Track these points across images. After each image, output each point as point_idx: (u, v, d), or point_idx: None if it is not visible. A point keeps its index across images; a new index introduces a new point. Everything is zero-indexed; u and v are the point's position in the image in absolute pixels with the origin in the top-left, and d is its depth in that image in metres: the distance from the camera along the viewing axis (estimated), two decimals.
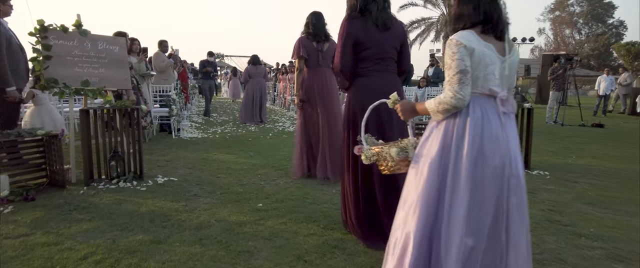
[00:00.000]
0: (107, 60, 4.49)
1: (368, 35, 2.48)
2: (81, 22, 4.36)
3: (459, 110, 1.69)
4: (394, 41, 2.55)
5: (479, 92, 1.69)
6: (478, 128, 1.68)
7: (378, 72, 2.54)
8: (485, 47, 1.67)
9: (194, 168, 4.62)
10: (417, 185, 1.77)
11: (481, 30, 1.70)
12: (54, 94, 4.16)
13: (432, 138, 1.76)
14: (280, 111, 12.70)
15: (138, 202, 3.37)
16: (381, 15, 2.49)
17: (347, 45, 2.50)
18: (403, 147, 1.87)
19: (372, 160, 1.95)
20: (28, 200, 3.36)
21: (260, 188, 3.82)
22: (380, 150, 1.93)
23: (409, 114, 1.88)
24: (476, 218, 1.70)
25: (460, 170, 1.68)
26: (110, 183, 3.90)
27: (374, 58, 2.52)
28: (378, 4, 2.50)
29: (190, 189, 3.76)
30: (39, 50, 4.04)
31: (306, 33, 4.22)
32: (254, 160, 5.15)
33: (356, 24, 2.49)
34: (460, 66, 1.63)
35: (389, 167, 1.91)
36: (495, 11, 1.72)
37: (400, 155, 1.85)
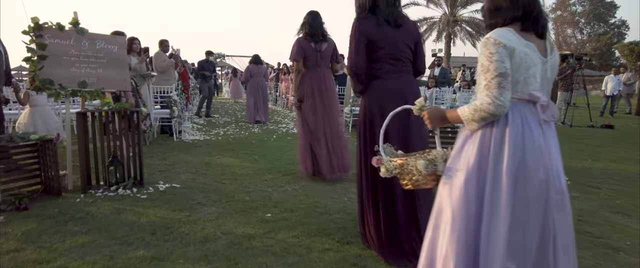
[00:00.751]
0: (106, 60, 4.27)
1: (380, 33, 2.36)
2: (78, 20, 4.14)
3: (497, 118, 1.50)
4: (407, 39, 2.43)
5: (518, 98, 1.51)
6: (518, 138, 1.50)
7: (394, 74, 2.41)
8: (527, 47, 1.50)
9: (197, 174, 4.41)
10: (451, 203, 1.58)
11: (521, 27, 1.53)
12: (49, 95, 3.95)
13: (466, 149, 1.59)
14: (282, 112, 12.48)
15: (138, 211, 3.16)
16: (392, 11, 2.39)
17: (360, 46, 2.37)
18: (431, 159, 1.68)
19: (394, 173, 1.76)
20: (20, 210, 3.15)
21: (268, 196, 3.60)
22: (404, 162, 1.72)
23: (438, 122, 1.69)
24: (519, 239, 1.50)
25: (500, 185, 1.50)
26: (109, 190, 3.68)
27: (388, 58, 2.39)
28: (387, 1, 2.39)
29: (194, 197, 3.54)
30: (33, 50, 3.83)
31: (303, 33, 4.17)
32: (259, 164, 4.94)
33: (367, 22, 2.38)
34: (500, 68, 1.45)
35: (414, 181, 1.72)
36: (535, 5, 1.54)
37: (429, 169, 1.66)
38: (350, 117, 8.10)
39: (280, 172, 4.54)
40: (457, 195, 1.56)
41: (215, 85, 20.93)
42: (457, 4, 27.26)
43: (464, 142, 1.60)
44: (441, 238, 1.60)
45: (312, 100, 4.20)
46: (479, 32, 27.08)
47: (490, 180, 1.51)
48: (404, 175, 1.74)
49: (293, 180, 4.18)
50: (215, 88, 20.82)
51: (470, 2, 27.04)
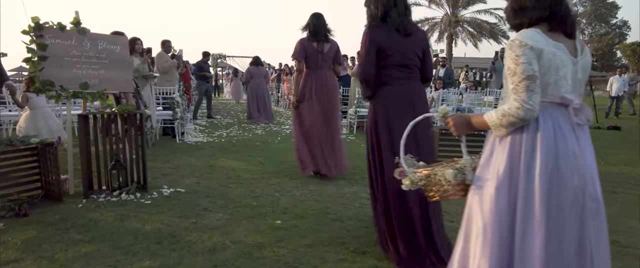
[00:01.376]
0: (108, 60, 4.15)
1: (390, 41, 2.41)
2: (80, 20, 4.03)
3: (526, 122, 1.44)
4: (415, 47, 2.48)
5: (549, 101, 1.45)
6: (551, 143, 1.43)
7: (401, 80, 2.45)
8: (555, 48, 1.43)
9: (201, 177, 4.29)
10: (482, 213, 1.51)
11: (548, 27, 1.47)
12: (50, 97, 3.83)
13: (495, 157, 1.52)
14: (285, 113, 12.35)
15: (143, 218, 3.04)
16: (402, 20, 2.44)
17: (370, 53, 2.41)
18: (459, 168, 1.61)
19: (419, 185, 1.68)
20: (20, 216, 3.03)
21: (276, 201, 3.49)
22: (430, 172, 1.65)
23: (464, 128, 1.62)
24: (556, 249, 1.42)
25: (533, 194, 1.43)
26: (112, 195, 3.56)
27: (397, 65, 2.44)
28: (399, 10, 2.44)
29: (200, 202, 3.42)
30: (34, 50, 3.71)
31: (307, 34, 4.20)
32: (264, 167, 4.82)
33: (378, 31, 2.43)
34: (527, 71, 1.39)
35: (443, 192, 1.64)
36: (562, 4, 1.48)
37: (458, 178, 1.59)
38: (354, 119, 7.99)
39: (287, 175, 4.42)
40: (488, 205, 1.50)
41: (217, 86, 20.86)
42: (459, 5, 27.16)
43: (492, 149, 1.54)
44: (473, 249, 1.54)
45: (311, 100, 4.21)
46: (480, 32, 27.02)
47: (523, 188, 1.44)
48: (430, 187, 1.66)
49: (300, 184, 4.07)
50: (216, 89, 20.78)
51: (472, 3, 26.95)
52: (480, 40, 27.44)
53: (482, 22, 26.91)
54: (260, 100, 9.64)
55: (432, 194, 1.67)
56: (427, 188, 1.68)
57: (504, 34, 26.49)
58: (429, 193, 1.69)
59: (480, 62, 28.97)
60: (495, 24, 26.60)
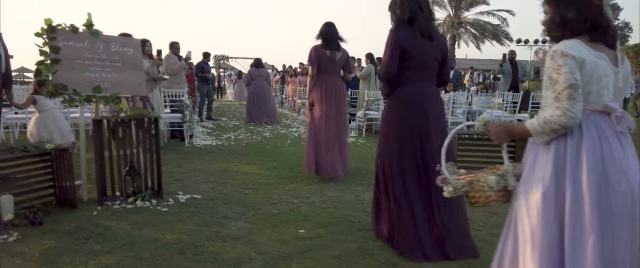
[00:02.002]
0: (121, 63, 4.06)
1: (414, 44, 2.53)
2: (92, 22, 3.94)
3: (568, 129, 1.48)
4: (436, 52, 2.60)
5: (592, 109, 1.48)
6: (596, 151, 1.46)
7: (418, 82, 2.59)
8: (597, 57, 1.47)
9: (216, 183, 4.20)
10: (529, 219, 1.54)
11: (589, 38, 1.50)
12: (63, 101, 3.74)
13: (540, 164, 1.55)
14: (290, 115, 12.27)
15: (162, 227, 2.95)
16: (427, 24, 2.55)
17: (394, 54, 2.53)
18: (501, 174, 1.65)
19: (461, 191, 1.72)
20: (35, 225, 2.94)
21: (296, 209, 3.39)
22: (473, 179, 1.69)
23: (504, 136, 1.67)
24: (608, 255, 1.45)
25: (582, 199, 1.45)
26: (126, 202, 3.47)
27: (416, 67, 2.56)
28: (425, 14, 2.56)
29: (218, 210, 3.33)
30: (46, 53, 3.62)
31: (320, 41, 4.42)
32: (278, 172, 4.73)
33: (404, 33, 2.54)
34: (570, 80, 1.42)
35: (486, 197, 1.67)
36: (603, 16, 1.51)
37: (500, 184, 1.64)
38: (364, 121, 7.90)
39: (303, 181, 4.33)
40: (535, 212, 1.52)
41: (219, 87, 20.76)
42: (462, 6, 27.11)
43: (535, 157, 1.57)
44: (522, 255, 1.57)
45: (321, 104, 4.42)
46: (483, 34, 26.97)
47: (570, 194, 1.47)
48: (472, 193, 1.70)
49: (318, 190, 3.98)
50: (219, 90, 20.67)
51: (475, 4, 26.91)
52: (483, 41, 27.40)
53: (485, 23, 26.86)
54: (261, 101, 9.82)
55: (475, 200, 1.70)
56: (469, 194, 1.71)
57: (506, 36, 26.49)
58: (471, 200, 1.72)
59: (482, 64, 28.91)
60: (498, 26, 26.57)
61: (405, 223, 2.50)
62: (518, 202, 1.60)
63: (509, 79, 9.45)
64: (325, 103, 4.39)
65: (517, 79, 9.37)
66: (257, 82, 10.01)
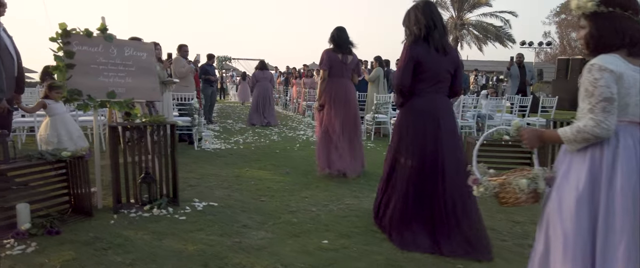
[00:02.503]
0: (135, 68, 4.00)
1: (428, 58, 2.68)
2: (106, 26, 3.88)
3: (600, 140, 1.54)
4: (449, 65, 2.75)
5: (629, 120, 1.55)
6: (632, 159, 1.51)
7: (431, 94, 2.75)
8: (635, 72, 1.53)
9: (230, 189, 4.14)
10: (562, 223, 1.59)
11: (627, 53, 1.55)
12: (77, 107, 3.68)
13: (575, 170, 1.61)
14: (294, 117, 12.21)
15: (182, 236, 2.88)
16: (441, 41, 2.71)
17: (408, 67, 2.70)
18: (532, 177, 1.73)
19: (492, 192, 1.81)
20: (52, 234, 2.87)
21: (315, 217, 3.33)
22: (504, 181, 1.79)
23: (536, 141, 1.75)
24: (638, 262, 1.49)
25: (614, 207, 1.51)
26: (142, 210, 3.41)
27: (430, 80, 2.72)
28: (439, 31, 2.71)
29: (237, 218, 3.27)
30: (61, 58, 3.56)
31: (331, 45, 4.57)
32: (292, 178, 4.67)
33: (419, 49, 2.70)
34: (605, 93, 1.49)
35: (516, 199, 1.76)
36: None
37: (531, 187, 1.72)
38: (372, 125, 7.84)
39: (318, 187, 4.27)
40: (569, 217, 1.57)
41: (222, 89, 20.70)
42: (464, 8, 27.08)
43: (570, 163, 1.63)
44: (553, 258, 1.62)
45: (332, 106, 4.56)
46: (486, 36, 26.93)
47: (604, 201, 1.52)
48: (502, 194, 1.79)
49: (335, 197, 3.92)
50: (222, 92, 20.61)
51: (478, 6, 26.87)
52: (486, 43, 27.37)
53: (488, 25, 26.83)
54: (265, 103, 10.04)
55: (504, 200, 1.80)
56: (499, 195, 1.81)
57: (509, 38, 26.45)
58: (501, 200, 1.82)
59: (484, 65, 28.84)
60: (500, 27, 26.53)
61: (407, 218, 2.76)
62: (551, 206, 1.66)
63: (516, 82, 9.40)
64: (336, 105, 4.55)
65: (525, 82, 9.33)
66: (261, 84, 10.22)
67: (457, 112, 7.57)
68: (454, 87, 2.83)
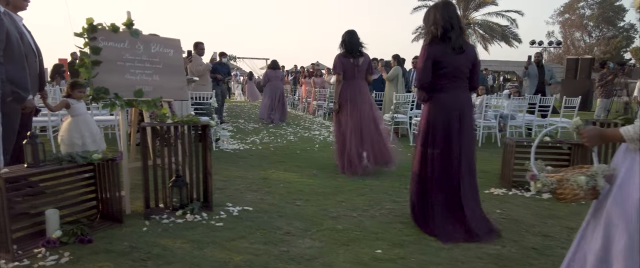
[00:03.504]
0: (162, 65, 3.80)
1: (446, 56, 2.87)
2: (132, 21, 3.68)
3: None
4: (467, 62, 2.93)
5: None
6: None
7: (452, 89, 2.94)
8: None
9: (260, 192, 3.94)
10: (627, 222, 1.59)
11: None
12: (103, 106, 3.48)
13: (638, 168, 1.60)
14: (305, 117, 12.01)
15: (224, 245, 2.69)
16: (458, 41, 2.89)
17: (427, 65, 2.89)
18: (591, 175, 1.75)
19: (550, 188, 1.85)
20: (84, 243, 2.68)
21: (360, 224, 3.14)
22: (562, 178, 1.83)
23: (597, 140, 1.76)
24: None
25: None
26: (174, 216, 3.22)
27: (449, 76, 2.91)
28: (456, 32, 2.88)
29: (277, 224, 3.07)
30: (87, 54, 3.36)
31: (342, 50, 4.76)
32: (321, 180, 4.47)
33: (436, 48, 2.89)
34: None
35: (574, 195, 1.79)
36: None
37: (590, 184, 1.75)
38: (391, 125, 7.63)
39: (351, 190, 4.07)
40: (634, 216, 1.57)
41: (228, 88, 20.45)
42: (470, 7, 26.88)
43: (632, 162, 1.64)
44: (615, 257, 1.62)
45: (347, 106, 4.76)
46: (491, 35, 26.75)
47: None
48: (560, 190, 1.83)
49: (373, 201, 3.72)
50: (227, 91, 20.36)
51: (483, 5, 26.68)
52: (491, 42, 27.19)
53: (494, 24, 26.64)
54: (274, 101, 10.35)
55: (562, 196, 1.83)
56: (556, 191, 1.84)
57: (515, 37, 26.27)
58: (559, 196, 1.85)
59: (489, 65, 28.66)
60: (506, 27, 26.34)
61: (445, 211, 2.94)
62: (612, 205, 1.66)
63: (535, 82, 9.19)
64: (352, 106, 4.74)
65: (543, 82, 9.12)
66: (273, 83, 10.50)
67: (479, 112, 7.39)
68: (472, 82, 3.02)
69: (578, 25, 42.04)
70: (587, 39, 42.34)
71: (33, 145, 2.66)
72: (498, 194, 4.07)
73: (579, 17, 41.97)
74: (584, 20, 41.72)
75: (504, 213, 3.48)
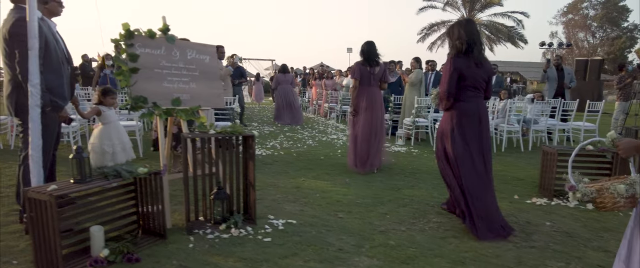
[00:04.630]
0: (198, 72, 3.68)
1: (468, 69, 3.15)
2: (168, 26, 3.56)
3: None
4: (484, 75, 3.24)
5: None
6: None
7: (472, 98, 3.24)
8: None
9: (298, 203, 3.82)
10: None
11: None
12: (142, 116, 3.36)
13: None
14: (318, 120, 11.89)
15: (277, 263, 2.57)
16: (480, 55, 3.20)
17: (453, 77, 3.17)
18: (630, 183, 1.86)
19: (590, 197, 1.93)
20: (132, 261, 2.56)
21: (412, 239, 3.02)
22: (601, 187, 1.90)
23: (632, 151, 1.85)
24: None
25: None
26: (218, 230, 3.09)
27: (470, 87, 3.21)
28: (478, 48, 3.18)
29: (327, 239, 2.95)
30: (124, 62, 3.24)
31: (361, 58, 5.21)
32: (357, 190, 4.35)
33: (460, 61, 3.17)
34: None
35: (614, 203, 1.86)
36: None
37: (629, 193, 1.84)
38: (412, 129, 7.51)
39: (391, 201, 3.95)
40: None
41: None
42: (476, 8, 26.77)
43: None
44: None
45: (363, 110, 5.19)
46: (497, 36, 26.65)
47: None
48: (601, 199, 1.90)
49: (417, 214, 3.60)
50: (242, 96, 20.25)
51: (489, 6, 26.56)
52: (497, 44, 27.08)
53: (500, 25, 26.54)
54: (287, 104, 10.71)
55: (602, 205, 1.91)
56: (596, 200, 1.92)
57: (521, 38, 26.16)
58: (598, 205, 1.93)
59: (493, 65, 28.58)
60: (512, 28, 26.23)
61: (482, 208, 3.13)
62: None
63: (554, 85, 9.07)
64: (367, 110, 5.17)
65: (563, 85, 9.00)
66: (283, 87, 10.86)
67: (502, 116, 7.28)
68: (487, 92, 3.35)
69: (582, 25, 41.96)
70: (590, 39, 42.25)
71: (80, 160, 2.53)
72: (541, 204, 3.95)
73: (583, 17, 41.89)
74: (588, 21, 41.64)
75: (555, 225, 3.36)
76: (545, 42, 18.23)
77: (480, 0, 26.55)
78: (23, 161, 3.04)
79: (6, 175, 4.58)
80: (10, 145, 6.22)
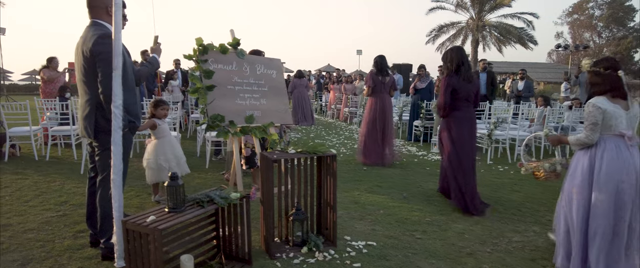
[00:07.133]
0: (267, 88, 3.59)
1: (460, 85, 4.03)
2: (239, 40, 3.46)
3: (588, 145, 2.60)
4: (473, 89, 4.13)
5: (612, 133, 2.53)
6: (613, 154, 2.54)
7: (464, 108, 4.12)
8: (614, 107, 2.51)
9: (366, 221, 3.72)
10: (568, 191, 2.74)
11: (611, 95, 2.54)
12: (218, 135, 3.25)
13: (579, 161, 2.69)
14: (339, 125, 11.77)
15: None
16: (467, 74, 4.07)
17: (448, 92, 4.05)
18: (553, 163, 3.11)
19: (530, 171, 3.23)
20: None
21: (503, 261, 2.92)
22: (538, 165, 3.16)
23: (556, 143, 3.05)
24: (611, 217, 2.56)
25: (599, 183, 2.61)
26: (300, 253, 2.99)
27: (462, 99, 4.08)
28: (466, 67, 4.08)
29: (414, 262, 2.85)
30: (199, 79, 3.14)
31: (374, 68, 6.27)
32: (416, 204, 4.24)
33: (453, 79, 4.05)
34: (593, 120, 2.53)
35: (543, 174, 3.14)
36: (620, 81, 2.53)
37: (551, 169, 3.11)
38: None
39: (459, 218, 3.85)
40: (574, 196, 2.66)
41: None
42: (485, 9, 26.66)
43: (577, 158, 2.68)
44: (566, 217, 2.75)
45: (374, 114, 6.26)
46: (507, 37, 26.54)
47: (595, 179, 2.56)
48: (536, 172, 3.17)
49: (495, 232, 3.50)
50: None
51: (498, 7, 26.44)
52: (505, 45, 26.97)
53: (509, 26, 26.43)
54: (303, 107, 11.62)
55: (537, 177, 3.18)
56: (534, 173, 3.19)
57: (531, 39, 26.06)
58: (536, 176, 3.20)
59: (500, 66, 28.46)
60: (522, 29, 26.12)
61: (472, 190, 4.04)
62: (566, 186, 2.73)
63: (584, 89, 8.99)
64: (378, 114, 6.22)
65: None
66: (299, 90, 11.70)
67: (539, 123, 7.18)
68: (475, 102, 4.22)
69: (587, 25, 41.89)
70: (596, 39, 42.17)
71: (175, 187, 2.43)
72: None
73: (589, 17, 41.81)
74: (594, 21, 41.56)
75: None
76: (561, 44, 18.09)
77: (489, 1, 26.43)
78: (100, 185, 2.93)
79: (53, 191, 4.45)
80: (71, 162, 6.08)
